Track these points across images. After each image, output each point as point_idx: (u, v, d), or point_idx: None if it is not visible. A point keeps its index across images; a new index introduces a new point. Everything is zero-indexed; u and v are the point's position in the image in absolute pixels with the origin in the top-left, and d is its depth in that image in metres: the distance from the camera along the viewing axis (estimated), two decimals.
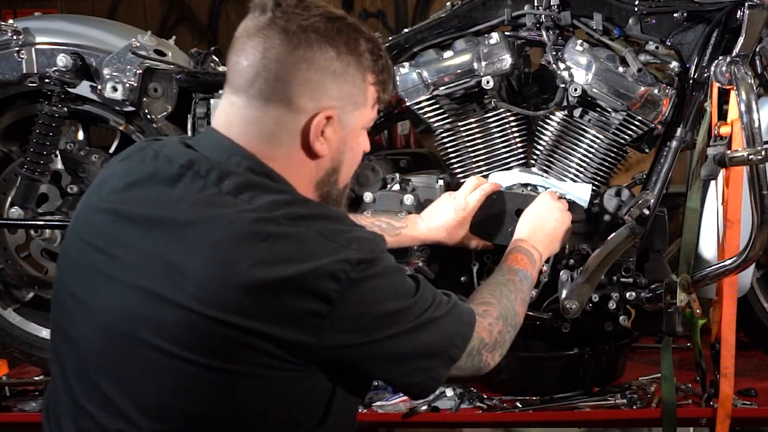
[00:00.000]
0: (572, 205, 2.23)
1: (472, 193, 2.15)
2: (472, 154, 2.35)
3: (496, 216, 2.21)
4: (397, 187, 2.34)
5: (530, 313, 2.29)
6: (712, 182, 2.20)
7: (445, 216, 2.13)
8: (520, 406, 2.25)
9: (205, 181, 1.40)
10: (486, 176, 2.32)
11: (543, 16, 2.26)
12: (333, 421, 1.46)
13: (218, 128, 1.47)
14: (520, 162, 2.35)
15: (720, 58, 2.15)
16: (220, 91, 2.42)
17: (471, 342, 1.55)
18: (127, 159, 1.51)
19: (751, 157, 1.97)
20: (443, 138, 2.37)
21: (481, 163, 2.35)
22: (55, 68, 2.43)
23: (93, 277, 1.42)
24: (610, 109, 2.26)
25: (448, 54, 2.31)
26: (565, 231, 2.08)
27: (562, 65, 2.24)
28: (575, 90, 2.23)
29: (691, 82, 2.23)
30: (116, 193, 1.45)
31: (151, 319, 1.35)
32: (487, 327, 1.61)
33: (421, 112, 2.35)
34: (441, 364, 1.51)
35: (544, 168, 2.33)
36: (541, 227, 2.02)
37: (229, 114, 1.46)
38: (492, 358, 1.62)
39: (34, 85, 2.49)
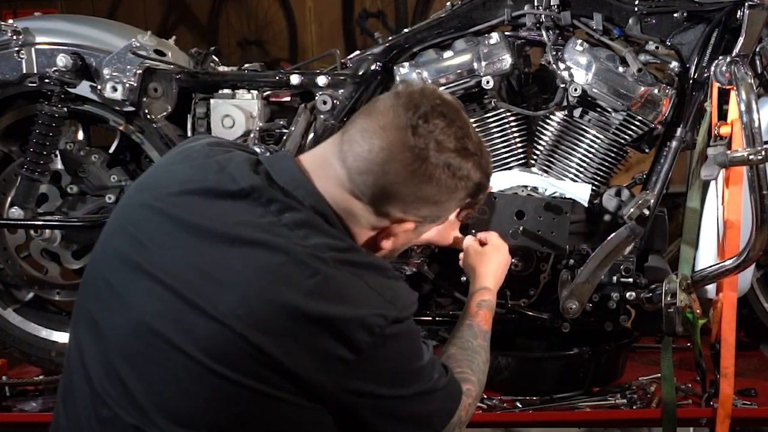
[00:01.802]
0: (572, 205, 2.23)
1: None
2: None
3: (496, 218, 2.21)
4: None
5: (530, 313, 2.30)
6: (712, 182, 2.20)
7: None
8: (520, 406, 2.25)
9: (265, 209, 1.41)
10: None
11: (543, 16, 2.26)
12: None
13: (304, 161, 1.48)
14: (520, 162, 2.35)
15: (720, 58, 2.15)
16: (220, 91, 2.42)
17: (452, 419, 1.57)
18: (188, 161, 1.50)
19: (751, 157, 1.97)
20: None
21: None
22: (55, 68, 2.43)
23: (132, 271, 1.43)
24: (610, 109, 2.26)
25: (448, 54, 2.31)
26: (505, 272, 2.04)
27: (562, 65, 2.24)
28: (575, 90, 2.23)
29: (691, 82, 2.23)
30: (171, 196, 1.45)
31: (182, 323, 1.36)
32: (467, 407, 1.63)
33: None
34: None
35: (544, 168, 2.33)
36: (501, 275, 2.00)
37: (323, 163, 1.46)
38: (462, 428, 1.63)
39: (34, 85, 2.48)
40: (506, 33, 2.32)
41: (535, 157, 2.35)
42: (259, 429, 1.39)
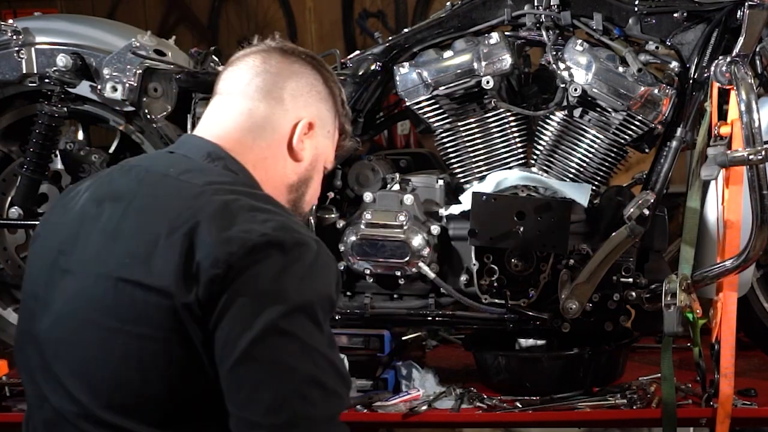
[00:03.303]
0: (572, 205, 2.23)
1: None
2: (471, 154, 2.35)
3: (496, 219, 2.21)
4: (397, 187, 2.34)
5: (530, 313, 2.30)
6: (712, 182, 2.20)
7: None
8: (520, 406, 2.24)
9: (164, 173, 1.45)
10: (486, 176, 2.32)
11: (543, 16, 2.26)
12: None
13: (196, 133, 1.57)
14: (520, 162, 2.35)
15: (720, 58, 2.15)
16: None
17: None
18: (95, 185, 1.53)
19: (751, 157, 1.97)
20: (443, 138, 2.37)
21: (480, 163, 2.35)
22: (55, 68, 2.43)
23: (52, 275, 1.45)
24: (610, 109, 2.26)
25: (448, 54, 2.31)
26: None
27: (562, 65, 2.24)
28: (575, 90, 2.23)
29: (691, 82, 2.23)
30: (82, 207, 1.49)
31: (92, 298, 1.38)
32: None
33: (420, 112, 2.35)
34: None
35: (544, 168, 2.33)
36: None
37: (207, 117, 1.59)
38: None
39: (34, 85, 2.49)
40: (506, 33, 2.32)
41: (535, 157, 2.35)
42: (183, 380, 1.36)
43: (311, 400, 1.31)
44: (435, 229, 2.31)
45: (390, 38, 2.43)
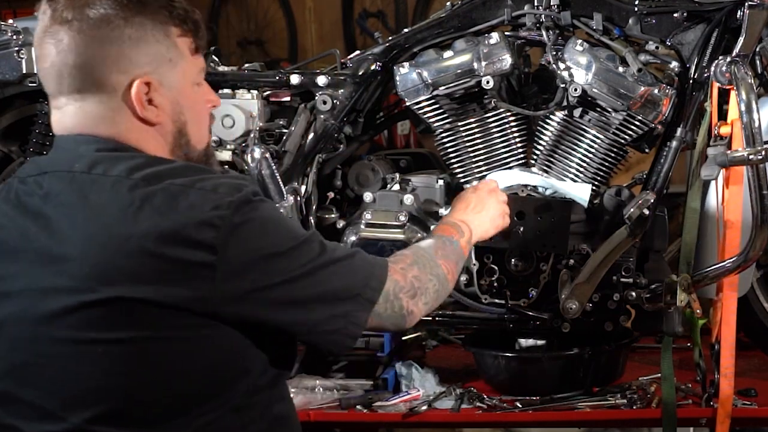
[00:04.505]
0: (572, 205, 2.23)
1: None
2: (472, 154, 2.35)
3: None
4: (397, 187, 2.34)
5: (530, 313, 2.30)
6: (712, 182, 2.20)
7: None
8: (520, 406, 2.24)
9: (60, 175, 1.41)
10: (485, 176, 2.32)
11: (543, 16, 2.26)
12: (263, 379, 1.45)
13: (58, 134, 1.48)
14: (520, 162, 2.35)
15: (720, 58, 2.15)
16: (220, 91, 2.42)
17: (386, 284, 1.51)
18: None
19: (751, 157, 1.97)
20: (443, 138, 2.37)
21: (481, 163, 2.35)
22: None
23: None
24: (610, 109, 2.26)
25: (448, 54, 2.31)
26: (500, 215, 2.03)
27: (562, 65, 2.24)
28: (575, 90, 2.23)
29: (691, 82, 2.23)
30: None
31: (46, 314, 1.35)
32: (399, 270, 1.57)
33: (421, 112, 2.35)
34: (359, 308, 1.47)
35: (544, 168, 2.33)
36: (472, 208, 1.97)
37: (60, 120, 1.46)
38: (415, 305, 1.57)
39: (34, 85, 2.48)
40: (506, 33, 2.32)
41: (535, 157, 2.35)
42: (167, 378, 1.36)
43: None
44: None
45: (390, 38, 2.43)
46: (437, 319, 2.37)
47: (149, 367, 1.36)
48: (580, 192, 2.26)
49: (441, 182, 2.37)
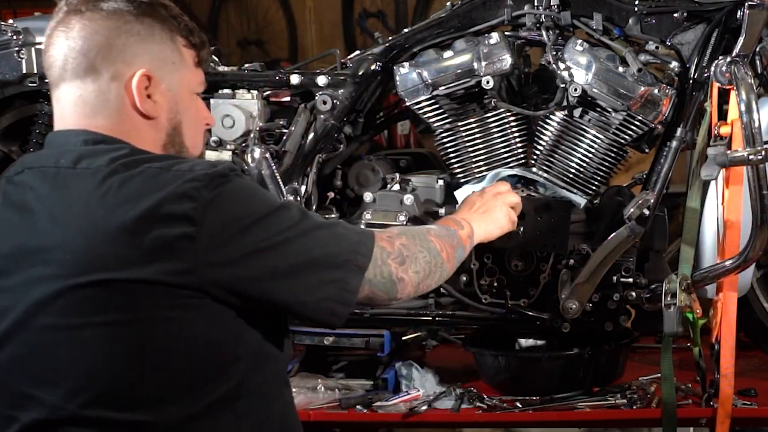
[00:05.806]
0: (572, 205, 2.23)
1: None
2: (472, 154, 2.35)
3: None
4: (397, 187, 2.34)
5: (530, 313, 2.30)
6: (712, 182, 2.20)
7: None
8: (520, 406, 2.25)
9: (45, 171, 1.43)
10: (485, 176, 2.32)
11: (543, 16, 2.26)
12: (255, 364, 1.45)
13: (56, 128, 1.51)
14: (520, 162, 2.35)
15: (720, 58, 2.15)
16: (220, 91, 2.42)
17: (373, 251, 1.52)
18: None
19: (751, 157, 1.97)
20: (443, 138, 2.36)
21: (481, 163, 2.35)
22: None
23: None
24: (610, 109, 2.26)
25: (448, 54, 2.31)
26: (505, 217, 2.00)
27: (562, 65, 2.24)
28: (575, 90, 2.23)
29: (691, 82, 2.23)
30: None
31: (32, 304, 1.37)
32: (386, 238, 1.58)
33: (421, 112, 2.35)
34: (350, 274, 1.48)
35: (544, 168, 2.33)
36: (476, 209, 1.98)
37: (60, 112, 1.50)
38: (405, 272, 1.57)
39: (34, 85, 2.48)
40: (506, 33, 2.32)
41: (535, 157, 2.35)
42: (161, 358, 1.37)
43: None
44: None
45: (390, 38, 2.43)
46: (437, 319, 2.37)
47: (138, 349, 1.36)
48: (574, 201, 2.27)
49: (441, 182, 2.37)
